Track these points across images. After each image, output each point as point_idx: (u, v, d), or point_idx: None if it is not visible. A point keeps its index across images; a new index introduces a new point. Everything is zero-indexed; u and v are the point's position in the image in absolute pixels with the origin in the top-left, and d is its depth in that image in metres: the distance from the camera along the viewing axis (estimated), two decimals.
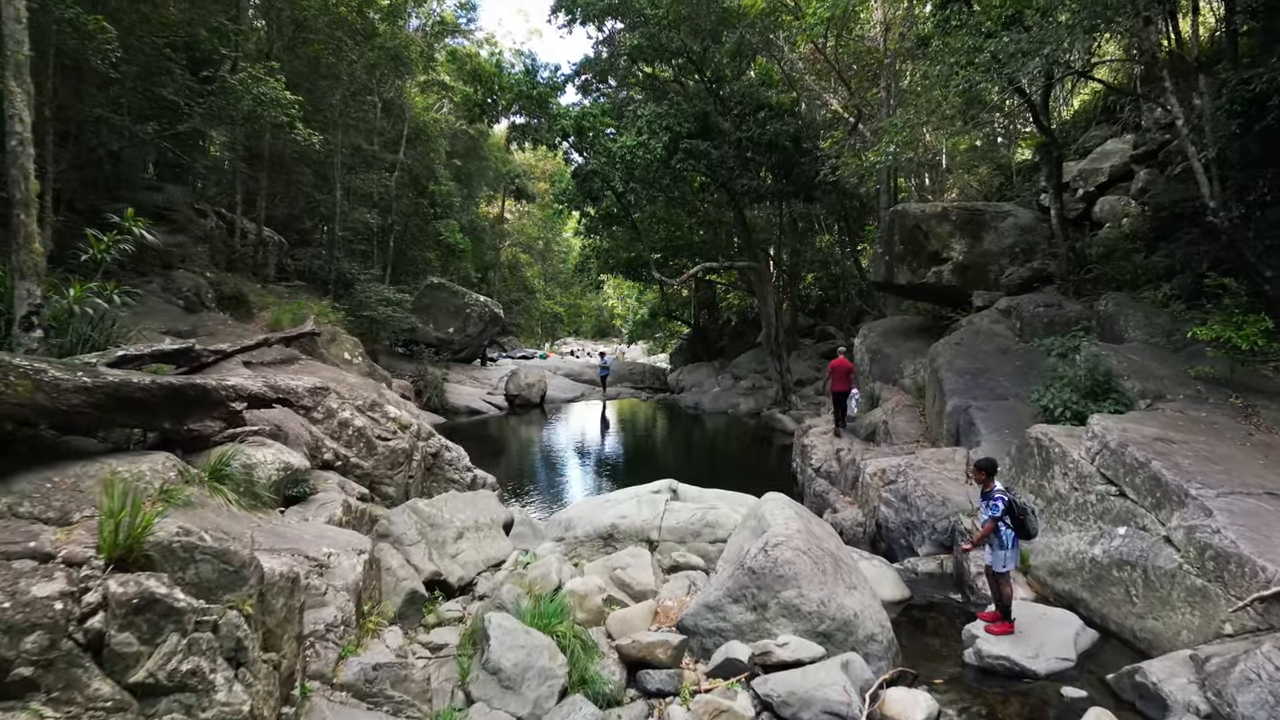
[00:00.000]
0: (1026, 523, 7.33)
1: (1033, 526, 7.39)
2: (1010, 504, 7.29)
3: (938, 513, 10.29)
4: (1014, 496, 7.43)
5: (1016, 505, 7.31)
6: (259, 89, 12.14)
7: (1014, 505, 7.30)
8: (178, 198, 16.56)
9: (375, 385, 11.97)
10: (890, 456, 12.62)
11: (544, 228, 60.23)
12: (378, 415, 10.77)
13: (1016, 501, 7.35)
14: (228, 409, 7.78)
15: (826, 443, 15.30)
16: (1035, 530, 7.46)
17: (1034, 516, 7.41)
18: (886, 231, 19.69)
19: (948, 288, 18.23)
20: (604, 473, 18.12)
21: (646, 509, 9.19)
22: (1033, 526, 7.39)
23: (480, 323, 32.32)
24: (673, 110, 21.72)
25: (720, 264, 26.84)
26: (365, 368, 16.06)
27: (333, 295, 19.46)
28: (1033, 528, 7.39)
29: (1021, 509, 7.31)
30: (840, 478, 13.65)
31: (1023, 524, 7.33)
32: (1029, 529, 7.37)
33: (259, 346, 10.57)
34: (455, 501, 9.62)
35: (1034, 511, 7.44)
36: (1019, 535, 7.38)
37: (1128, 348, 11.96)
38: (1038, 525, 7.50)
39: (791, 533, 7.44)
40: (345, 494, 8.94)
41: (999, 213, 18.54)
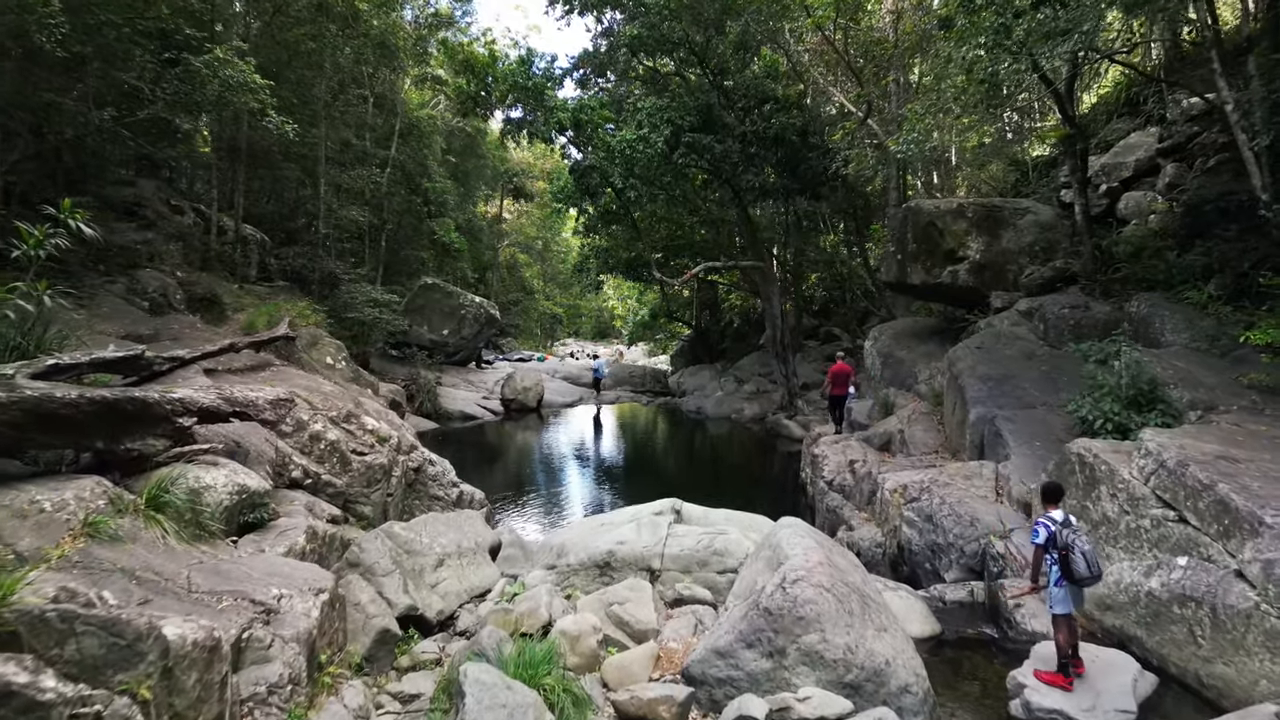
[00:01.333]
0: (1070, 561, 6.14)
1: (1077, 567, 6.09)
2: (1053, 535, 6.24)
3: (966, 534, 9.38)
4: (1063, 529, 6.24)
5: (1060, 539, 6.20)
6: (226, 72, 11.24)
7: (1056, 537, 6.22)
8: (151, 193, 15.66)
9: (353, 394, 11.06)
10: (910, 470, 11.71)
11: (543, 227, 59.39)
12: (354, 427, 9.87)
13: (1061, 534, 6.21)
14: (174, 425, 6.89)
15: (838, 453, 14.37)
16: (1081, 572, 6.10)
17: (1081, 556, 6.09)
18: (899, 229, 18.78)
19: (964, 288, 17.33)
20: (602, 484, 17.20)
21: (647, 533, 8.27)
22: (1077, 567, 6.09)
23: (476, 324, 31.39)
24: (674, 103, 20.79)
25: (723, 264, 25.88)
26: (349, 373, 15.16)
27: (316, 296, 18.55)
28: (1077, 568, 6.09)
29: (1065, 544, 6.16)
30: (855, 492, 12.73)
31: (1065, 561, 6.18)
32: (1073, 570, 6.12)
33: (223, 352, 9.67)
34: (436, 524, 8.72)
35: (1085, 552, 6.11)
36: (1063, 575, 6.24)
37: (1170, 353, 11.06)
38: (1084, 567, 6.09)
39: (812, 566, 6.54)
40: (313, 518, 8.04)
41: (1017, 209, 17.65)
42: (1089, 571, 6.07)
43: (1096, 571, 6.11)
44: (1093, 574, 6.10)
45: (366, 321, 19.37)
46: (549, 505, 14.71)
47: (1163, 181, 16.72)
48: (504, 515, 13.54)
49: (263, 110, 12.33)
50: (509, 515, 13.73)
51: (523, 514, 13.94)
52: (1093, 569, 6.08)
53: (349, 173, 22.85)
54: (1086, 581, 6.16)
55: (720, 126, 21.23)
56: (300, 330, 14.02)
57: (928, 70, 19.87)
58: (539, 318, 62.23)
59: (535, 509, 14.39)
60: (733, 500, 15.57)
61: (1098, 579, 6.20)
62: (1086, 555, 6.09)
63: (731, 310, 43.20)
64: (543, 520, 13.56)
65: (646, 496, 15.81)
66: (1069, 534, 6.19)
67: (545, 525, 13.16)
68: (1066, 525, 6.28)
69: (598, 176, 20.64)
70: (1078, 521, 6.60)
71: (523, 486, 16.10)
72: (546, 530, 12.58)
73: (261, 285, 17.40)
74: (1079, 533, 6.21)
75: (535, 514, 14.03)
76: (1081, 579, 6.13)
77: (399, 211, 28.01)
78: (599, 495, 15.91)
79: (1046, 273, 15.95)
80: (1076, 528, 6.29)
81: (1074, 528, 6.26)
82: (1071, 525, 6.29)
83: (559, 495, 15.55)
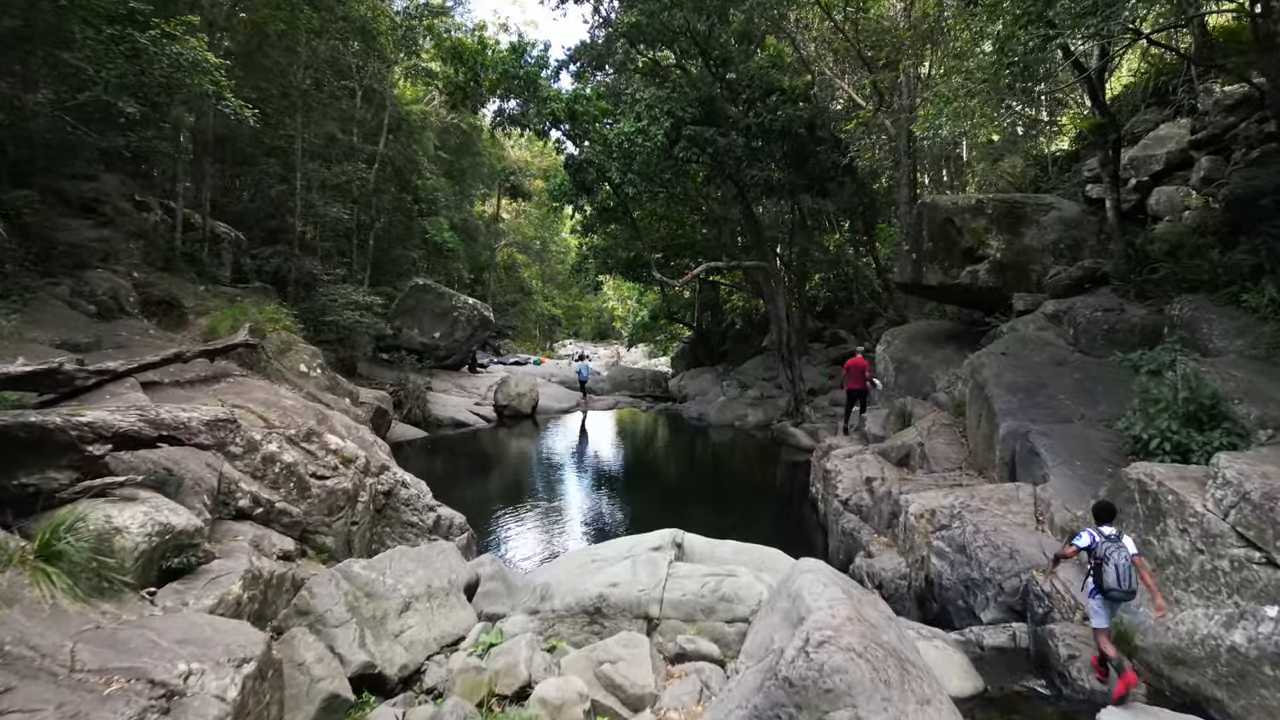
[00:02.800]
0: (1102, 572, 6.12)
1: (1107, 579, 6.08)
2: (1095, 545, 6.23)
3: (1005, 568, 8.29)
4: (1106, 541, 6.21)
5: (1099, 549, 6.18)
6: (174, 50, 10.14)
7: (1096, 548, 6.21)
8: (113, 187, 14.58)
9: (317, 409, 9.96)
10: (935, 490, 10.61)
11: (541, 227, 58.23)
12: (315, 447, 8.78)
13: (1101, 545, 6.20)
14: (82, 454, 5.80)
15: (853, 468, 13.28)
16: (1109, 583, 6.07)
17: (1113, 569, 6.05)
18: (913, 227, 17.71)
19: (984, 289, 16.25)
20: (598, 501, 16.02)
21: (644, 573, 7.17)
22: (1107, 579, 6.08)
23: (469, 326, 30.28)
24: (674, 94, 19.68)
25: (726, 264, 24.73)
26: (325, 381, 14.09)
27: (293, 298, 17.47)
28: (1107, 580, 6.08)
29: (1102, 555, 6.14)
30: (874, 513, 11.63)
31: (1098, 571, 6.17)
32: (1103, 581, 6.11)
33: (167, 363, 8.59)
34: (403, 560, 7.63)
35: (1118, 565, 6.04)
36: (1096, 587, 6.23)
37: (1226, 363, 9.96)
38: (1113, 580, 6.05)
39: (840, 623, 5.45)
40: (258, 556, 6.96)
41: (1040, 205, 16.57)
42: (1118, 585, 6.05)
43: (1127, 587, 6.06)
44: (1122, 589, 6.06)
45: (346, 325, 18.26)
46: (538, 527, 13.59)
47: (1197, 175, 15.63)
48: (488, 537, 12.45)
49: (219, 94, 11.25)
50: (494, 537, 12.66)
51: (509, 537, 12.83)
52: (1122, 584, 6.05)
53: (335, 168, 21.75)
54: (1115, 594, 6.12)
55: (723, 119, 20.12)
56: (269, 336, 12.96)
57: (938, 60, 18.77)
58: (537, 319, 61.10)
59: (523, 531, 13.27)
60: (737, 519, 14.54)
61: (1128, 595, 6.13)
62: (1119, 569, 6.05)
63: (733, 311, 42.10)
64: (530, 545, 12.46)
65: (645, 515, 14.88)
66: (1109, 547, 6.17)
67: (533, 551, 12.07)
68: (1111, 540, 6.22)
69: (594, 172, 19.53)
70: (1130, 542, 6.27)
71: (511, 504, 15.00)
72: (533, 559, 11.50)
73: (235, 287, 16.31)
74: (1121, 550, 6.12)
75: (522, 537, 12.92)
76: (1110, 590, 6.10)
77: (389, 210, 26.90)
78: (594, 514, 14.79)
79: (1075, 273, 14.86)
80: (1121, 546, 6.16)
81: (1119, 544, 6.17)
82: (1117, 543, 6.19)
83: (550, 515, 14.41)
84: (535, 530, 13.29)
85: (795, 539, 13.66)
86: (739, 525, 14.12)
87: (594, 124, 19.94)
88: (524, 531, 13.18)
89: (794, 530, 14.14)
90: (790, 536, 13.77)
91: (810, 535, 13.65)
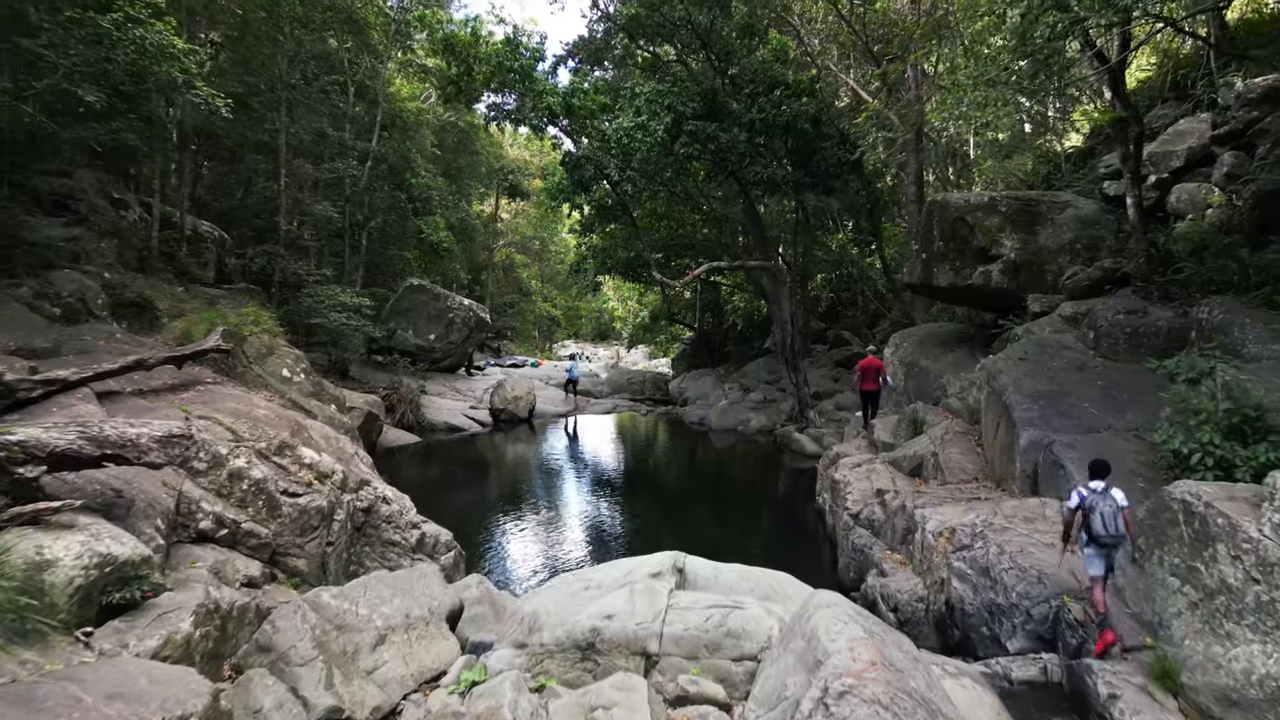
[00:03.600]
0: (1089, 522, 6.73)
1: (1094, 525, 6.69)
2: (1084, 500, 6.80)
3: (1033, 593, 7.64)
4: (1094, 495, 6.77)
5: (1088, 501, 6.76)
6: (138, 34, 9.48)
7: (1084, 503, 6.78)
8: (89, 184, 13.91)
9: (293, 418, 9.31)
10: (953, 505, 9.98)
11: (540, 226, 57.51)
12: (287, 461, 8.15)
13: (1089, 498, 6.77)
14: (10, 477, 5.17)
15: (863, 478, 12.65)
16: (1097, 529, 6.66)
17: (1099, 517, 6.65)
18: (924, 226, 17.07)
19: (997, 290, 15.61)
20: (595, 512, 15.23)
21: (642, 604, 6.53)
22: (1094, 525, 6.69)
23: (464, 328, 29.64)
24: (675, 88, 19.02)
25: (729, 264, 24.02)
26: (309, 386, 13.44)
27: (278, 300, 16.83)
28: (1094, 526, 6.69)
29: (1089, 506, 6.74)
30: (886, 528, 10.99)
31: (1086, 521, 6.77)
32: (1091, 528, 6.71)
33: (126, 371, 7.97)
34: (379, 587, 6.99)
35: (1103, 513, 6.64)
36: (1087, 536, 6.78)
37: (1266, 369, 9.31)
38: (1099, 525, 6.65)
39: (862, 668, 4.84)
40: (217, 585, 6.34)
41: (1056, 203, 15.93)
42: (1104, 530, 6.60)
43: (1113, 531, 6.58)
44: (1108, 533, 6.59)
45: (333, 328, 17.60)
46: (531, 541, 12.93)
47: (1220, 172, 14.97)
48: (478, 552, 11.79)
49: (188, 82, 10.60)
50: (484, 553, 12.00)
51: (499, 553, 12.17)
52: (1108, 528, 6.59)
53: (326, 165, 21.10)
54: (1104, 539, 6.61)
55: (726, 114, 19.46)
56: (250, 340, 12.32)
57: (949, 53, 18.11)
58: (536, 320, 60.43)
59: (515, 546, 12.60)
60: (740, 532, 13.91)
61: (1115, 539, 6.60)
62: (1104, 516, 6.61)
63: (735, 312, 41.48)
64: (522, 562, 11.80)
65: (645, 527, 14.23)
66: (1095, 498, 6.72)
67: (525, 569, 11.42)
68: (1099, 494, 6.74)
69: (592, 168, 18.84)
70: (1119, 494, 6.78)
71: (503, 515, 14.36)
72: (525, 577, 10.86)
73: (218, 288, 15.67)
74: (1107, 500, 6.66)
75: (514, 553, 12.25)
76: (1098, 537, 6.64)
77: (383, 209, 26.27)
78: (591, 526, 14.09)
79: (1093, 273, 14.22)
80: (1109, 496, 6.70)
81: (1106, 495, 6.71)
82: (1106, 495, 6.72)
83: (544, 528, 13.73)
84: (528, 545, 12.65)
85: (802, 554, 13.04)
86: (742, 539, 13.51)
87: (592, 119, 19.28)
88: (516, 547, 12.54)
89: (800, 544, 13.52)
90: (797, 552, 13.15)
91: (818, 550, 13.03)
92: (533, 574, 11.07)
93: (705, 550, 12.78)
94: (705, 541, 13.09)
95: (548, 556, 12.03)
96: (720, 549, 12.94)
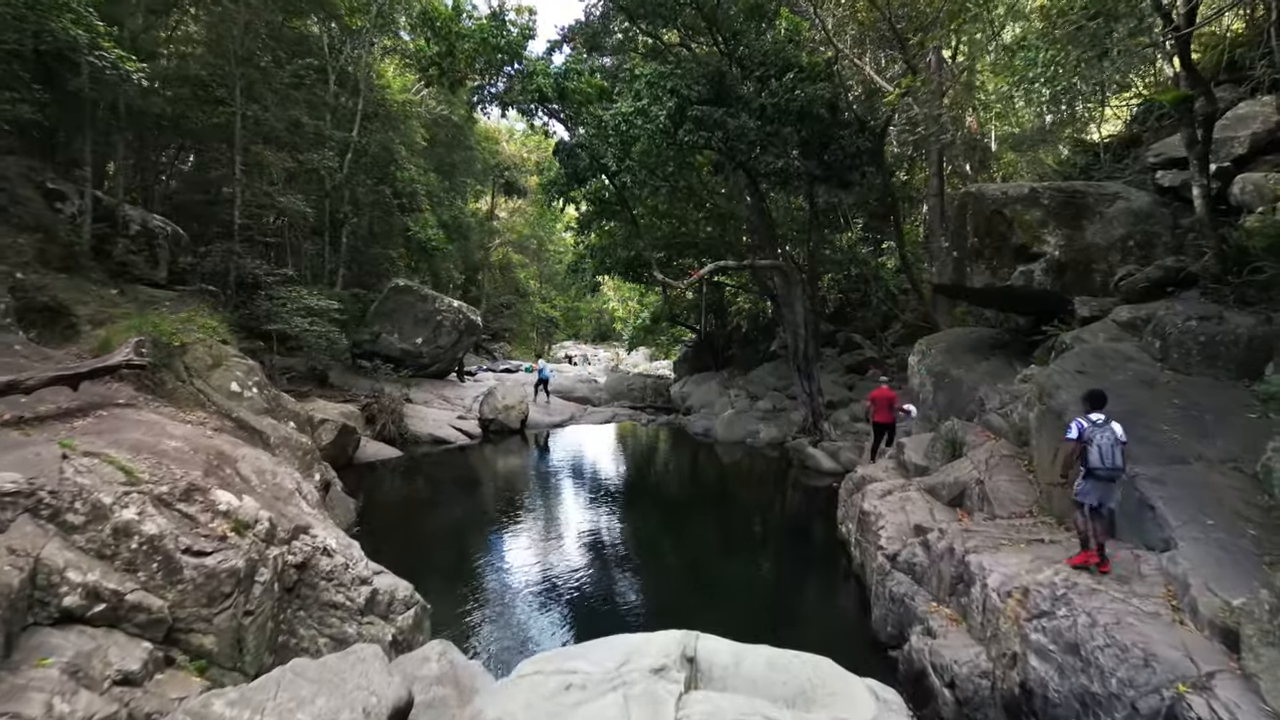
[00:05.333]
0: (1086, 454, 6.65)
1: (1090, 458, 6.61)
2: (1083, 431, 6.68)
3: (1138, 680, 5.96)
4: (1094, 426, 6.66)
5: (1086, 433, 6.65)
6: None
7: (1083, 435, 6.67)
8: (16, 173, 12.23)
9: (216, 450, 7.61)
10: (1016, 553, 8.28)
11: (538, 225, 55.77)
12: (196, 509, 6.49)
13: (1088, 430, 6.67)
14: None
15: (896, 509, 10.99)
16: (1094, 463, 6.59)
17: (1096, 449, 6.57)
18: (956, 221, 15.44)
19: (1040, 292, 13.97)
20: (586, 547, 12.97)
21: (641, 715, 4.85)
22: (1090, 458, 6.61)
23: (454, 332, 27.89)
24: (679, 70, 17.29)
25: (737, 264, 22.24)
26: (263, 401, 11.78)
27: (234, 303, 15.17)
28: (1090, 459, 6.62)
29: (1087, 438, 6.63)
30: (930, 574, 9.29)
31: (1084, 454, 6.68)
32: (1089, 460, 6.64)
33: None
34: (295, 685, 5.32)
35: (1101, 446, 6.56)
36: (1083, 466, 6.71)
37: None
38: (1097, 459, 6.58)
39: None
40: (72, 693, 4.70)
41: (1104, 195, 14.27)
42: (1101, 463, 6.51)
43: (1110, 464, 6.50)
44: (1105, 466, 6.51)
45: (292, 334, 15.92)
46: (515, 582, 11.12)
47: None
48: (447, 601, 9.95)
49: (93, 43, 8.95)
50: (455, 599, 10.27)
51: (475, 600, 10.31)
52: (1105, 461, 6.49)
53: (301, 157, 19.45)
54: (1100, 472, 6.54)
55: (734, 99, 17.73)
56: (193, 350, 10.67)
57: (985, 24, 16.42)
58: (534, 321, 58.73)
59: (493, 591, 10.80)
60: (754, 572, 12.21)
61: (1112, 473, 6.54)
62: (1102, 448, 6.50)
63: (739, 314, 39.80)
64: (502, 614, 10.01)
65: (644, 566, 12.35)
66: (1093, 430, 6.59)
67: (504, 626, 9.69)
68: (1098, 426, 6.60)
69: (587, 158, 17.12)
70: (1118, 427, 6.65)
71: (483, 550, 12.62)
72: (503, 642, 9.13)
73: (170, 290, 14.00)
74: (1106, 433, 6.53)
75: (492, 600, 10.42)
76: (1095, 469, 6.57)
77: (366, 205, 24.59)
78: (583, 565, 12.07)
79: (1153, 273, 12.55)
80: (1109, 428, 6.55)
81: (1105, 429, 6.56)
82: (1105, 427, 6.58)
83: (531, 566, 11.79)
84: (511, 590, 10.82)
85: (827, 600, 11.43)
86: (755, 580, 11.86)
87: (588, 105, 17.59)
88: (495, 592, 10.78)
89: (823, 587, 11.89)
90: (821, 597, 11.52)
91: (844, 593, 11.38)
92: (515, 633, 9.40)
93: (714, 594, 11.15)
94: (714, 585, 11.44)
95: (533, 606, 10.32)
96: (731, 592, 11.30)
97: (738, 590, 11.30)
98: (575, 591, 10.89)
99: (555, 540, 13.38)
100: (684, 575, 12.17)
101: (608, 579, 11.56)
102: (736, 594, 11.11)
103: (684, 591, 11.48)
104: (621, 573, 11.94)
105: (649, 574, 11.89)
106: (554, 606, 10.33)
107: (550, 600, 10.54)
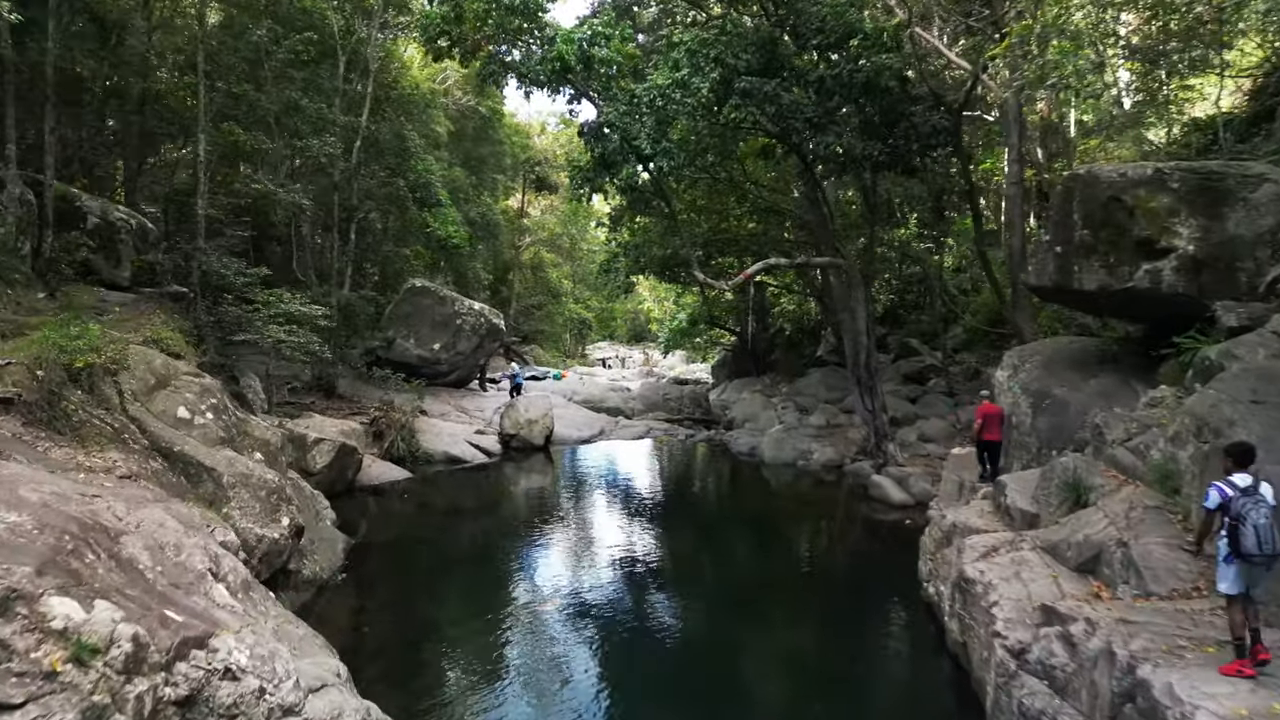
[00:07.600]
0: (1239, 534, 5.12)
1: (1245, 541, 5.08)
2: (1227, 502, 5.29)
3: None
4: (1241, 495, 5.23)
5: (1234, 506, 5.22)
6: None
7: (1230, 505, 5.25)
8: None
9: (78, 524, 5.30)
10: (1218, 671, 5.79)
11: (570, 222, 53.51)
12: (13, 629, 4.32)
13: (1235, 502, 5.23)
14: None
15: (1009, 575, 8.51)
16: (1249, 548, 5.07)
17: (1252, 530, 5.06)
18: (1059, 210, 12.92)
19: (1169, 295, 11.41)
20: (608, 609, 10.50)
21: None
22: (1245, 541, 5.08)
23: (474, 337, 25.71)
24: (724, 37, 14.79)
25: (790, 262, 19.54)
26: (219, 430, 9.68)
27: (201, 309, 13.14)
28: (1245, 543, 5.08)
29: (1238, 513, 5.16)
30: (1077, 685, 6.76)
31: (1234, 533, 5.16)
32: (1241, 543, 5.11)
33: None
34: None
35: (1258, 526, 5.04)
36: (1231, 550, 5.20)
37: None
38: (1253, 543, 5.05)
39: None
40: None
41: (1248, 178, 11.61)
42: (1259, 549, 5.13)
43: (1270, 550, 5.12)
44: (1263, 552, 5.13)
45: (266, 348, 13.82)
46: (514, 673, 8.60)
47: None
48: (422, 704, 7.60)
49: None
50: (449, 688, 8.02)
51: (471, 695, 7.96)
52: (1264, 546, 5.12)
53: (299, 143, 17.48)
54: (1256, 559, 5.20)
55: (788, 70, 15.24)
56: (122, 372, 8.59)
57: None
58: (567, 322, 56.63)
59: (497, 675, 8.40)
60: (814, 648, 9.68)
61: (1272, 560, 5.17)
62: (1259, 530, 5.13)
63: (782, 316, 37.16)
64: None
65: (678, 640, 9.65)
66: (1245, 502, 5.26)
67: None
68: (1247, 494, 5.30)
69: (617, 139, 14.73)
70: (1269, 491, 5.31)
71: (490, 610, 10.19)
72: None
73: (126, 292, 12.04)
74: (1260, 505, 5.20)
75: (494, 693, 8.03)
76: (1249, 555, 5.19)
77: (379, 198, 22.59)
78: (603, 642, 9.31)
79: None
80: (1260, 498, 5.25)
81: (1256, 497, 5.27)
82: (1254, 495, 5.29)
83: (537, 647, 9.15)
84: (506, 687, 8.27)
85: (922, 696, 8.96)
86: (817, 662, 9.40)
87: (618, 79, 15.27)
88: (502, 676, 8.38)
89: (913, 673, 9.46)
90: (912, 690, 9.08)
91: (940, 682, 8.93)
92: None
93: (766, 685, 8.81)
94: (768, 672, 9.07)
95: (550, 691, 8.02)
96: (789, 678, 8.96)
97: (795, 677, 8.96)
98: (586, 693, 8.32)
99: (569, 602, 10.67)
100: (723, 663, 9.44)
101: (626, 675, 8.98)
102: (795, 691, 8.73)
103: (740, 673, 9.14)
104: (644, 662, 9.29)
105: (679, 665, 9.25)
106: (580, 695, 7.97)
107: (575, 683, 8.20)
